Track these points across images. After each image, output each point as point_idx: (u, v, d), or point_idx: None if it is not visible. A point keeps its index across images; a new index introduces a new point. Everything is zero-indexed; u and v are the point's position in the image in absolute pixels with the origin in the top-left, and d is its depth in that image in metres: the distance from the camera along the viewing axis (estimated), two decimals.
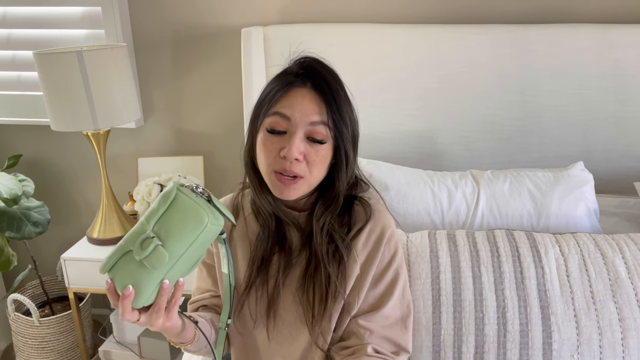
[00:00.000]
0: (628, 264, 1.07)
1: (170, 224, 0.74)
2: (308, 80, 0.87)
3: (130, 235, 0.75)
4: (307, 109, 0.85)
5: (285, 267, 0.93)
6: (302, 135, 0.85)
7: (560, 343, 1.00)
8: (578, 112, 1.48)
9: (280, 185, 0.87)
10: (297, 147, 0.84)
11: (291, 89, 0.87)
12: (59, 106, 1.54)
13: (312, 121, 0.85)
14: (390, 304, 0.92)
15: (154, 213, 0.75)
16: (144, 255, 0.73)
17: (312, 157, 0.86)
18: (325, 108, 0.85)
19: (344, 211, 0.94)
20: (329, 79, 0.87)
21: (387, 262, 0.93)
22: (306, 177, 0.87)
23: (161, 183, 1.66)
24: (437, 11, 1.58)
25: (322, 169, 0.88)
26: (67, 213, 2.09)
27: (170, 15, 1.75)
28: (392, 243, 0.94)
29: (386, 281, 0.93)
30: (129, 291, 0.72)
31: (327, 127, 0.85)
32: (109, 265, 0.76)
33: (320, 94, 0.86)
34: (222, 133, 1.86)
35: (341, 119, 0.86)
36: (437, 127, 1.54)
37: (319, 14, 1.64)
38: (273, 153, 0.86)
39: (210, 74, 1.79)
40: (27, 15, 1.80)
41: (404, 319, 0.93)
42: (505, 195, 1.28)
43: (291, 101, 0.86)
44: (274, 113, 0.86)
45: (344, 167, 0.89)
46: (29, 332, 1.81)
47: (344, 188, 0.91)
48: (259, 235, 0.95)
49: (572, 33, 1.44)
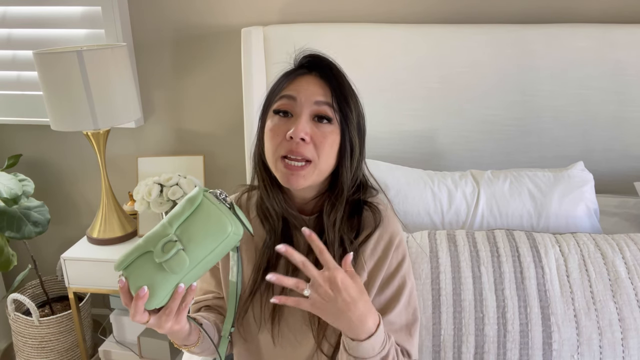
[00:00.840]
0: (628, 264, 1.07)
1: (193, 230, 0.74)
2: (314, 69, 0.89)
3: (152, 236, 0.75)
4: (313, 90, 0.87)
5: (293, 271, 0.92)
6: (307, 116, 0.86)
7: (560, 343, 1.00)
8: (578, 112, 1.48)
9: (287, 172, 0.86)
10: (303, 126, 0.84)
11: (297, 77, 0.89)
12: (59, 106, 1.54)
13: (317, 100, 0.86)
14: (396, 310, 0.91)
15: (177, 216, 0.75)
16: (165, 258, 0.73)
17: (318, 138, 0.85)
18: (330, 91, 0.87)
19: (353, 215, 0.93)
20: (334, 67, 0.90)
21: (394, 269, 0.93)
22: (314, 161, 0.86)
23: (161, 183, 1.66)
24: (437, 11, 1.58)
25: (331, 153, 0.87)
26: (67, 213, 2.09)
27: (170, 15, 1.75)
28: (400, 250, 0.93)
29: (393, 288, 0.92)
30: (144, 292, 0.72)
31: (332, 108, 0.86)
32: (125, 263, 0.75)
33: (325, 78, 0.88)
34: (222, 133, 1.86)
35: (346, 103, 0.87)
36: (437, 127, 1.54)
37: (319, 14, 1.64)
38: (280, 137, 0.86)
39: (211, 73, 1.79)
40: (27, 15, 1.80)
41: (409, 326, 0.92)
42: (505, 195, 1.28)
43: (297, 84, 0.88)
44: (280, 97, 0.88)
45: (348, 154, 0.89)
46: (29, 332, 1.81)
47: (349, 179, 0.90)
48: (265, 242, 0.94)
49: (572, 33, 1.44)
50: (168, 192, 1.65)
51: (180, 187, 1.66)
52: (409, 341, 0.92)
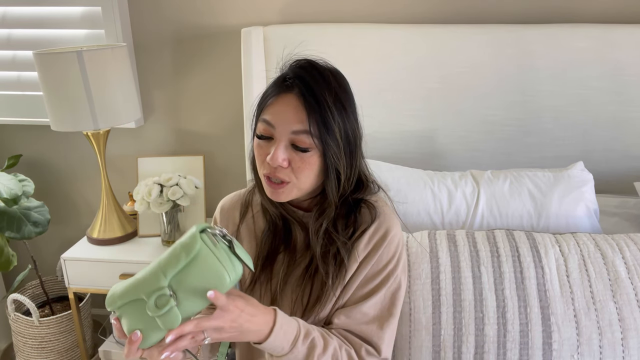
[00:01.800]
0: (628, 264, 1.07)
1: (189, 282, 0.71)
2: (296, 86, 0.86)
3: (144, 283, 0.72)
4: (291, 117, 0.85)
5: (289, 265, 0.95)
6: (285, 143, 0.86)
7: (560, 343, 1.00)
8: (578, 112, 1.48)
9: (270, 189, 0.89)
10: (278, 154, 0.85)
11: (279, 95, 0.87)
12: (59, 106, 1.54)
13: (294, 130, 0.85)
14: (370, 301, 0.92)
15: (172, 265, 0.72)
16: (158, 314, 0.71)
17: (296, 163, 0.86)
18: (307, 117, 0.84)
19: (350, 213, 0.94)
20: (316, 86, 0.85)
21: (382, 265, 0.93)
22: (292, 182, 0.87)
23: (161, 183, 1.66)
24: (437, 11, 1.58)
25: (311, 174, 0.88)
26: (67, 213, 2.09)
27: (170, 15, 1.75)
28: (392, 247, 0.94)
29: (375, 282, 0.93)
30: (137, 337, 0.72)
31: (311, 135, 0.84)
32: (117, 305, 0.74)
33: (303, 101, 0.85)
34: (222, 133, 1.86)
35: (325, 128, 0.84)
36: (437, 127, 1.54)
37: (319, 14, 1.64)
38: (262, 157, 0.88)
39: (210, 74, 1.79)
40: (27, 15, 1.80)
41: (382, 320, 0.92)
42: (505, 196, 1.28)
43: (277, 108, 0.86)
44: (262, 120, 0.88)
45: (333, 176, 0.88)
46: (29, 332, 1.81)
47: (335, 196, 0.91)
48: (264, 231, 0.97)
49: (572, 33, 1.44)
50: (168, 192, 1.65)
51: (180, 187, 1.66)
52: (378, 334, 0.91)
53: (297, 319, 0.87)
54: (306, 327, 0.86)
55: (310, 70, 0.87)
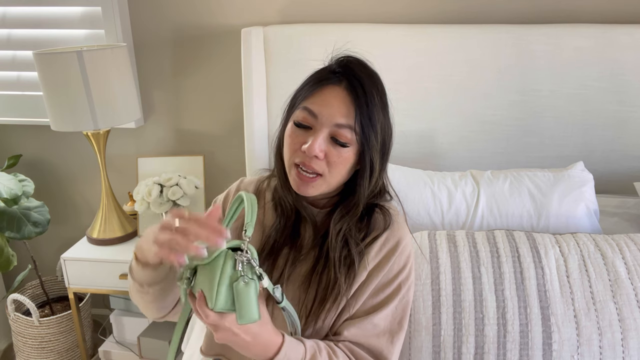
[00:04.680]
0: (628, 265, 1.07)
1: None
2: (344, 79, 0.86)
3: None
4: (336, 110, 0.84)
5: (293, 261, 0.92)
6: (326, 135, 0.84)
7: (560, 343, 1.00)
8: (578, 112, 1.48)
9: (298, 180, 0.87)
10: (318, 144, 0.83)
11: (325, 86, 0.86)
12: (59, 106, 1.54)
13: (338, 123, 0.84)
14: (382, 313, 0.90)
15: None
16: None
17: (333, 157, 0.85)
18: (355, 111, 0.84)
19: (363, 217, 0.93)
20: (365, 81, 0.86)
21: (393, 275, 0.92)
22: (325, 176, 0.86)
23: (161, 183, 1.66)
24: (437, 11, 1.58)
25: (343, 171, 0.87)
26: (67, 213, 2.09)
27: (170, 15, 1.75)
28: (403, 257, 0.93)
29: (387, 292, 0.91)
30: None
31: (354, 131, 0.84)
32: None
33: (352, 95, 0.84)
34: (222, 133, 1.86)
35: (370, 125, 0.84)
36: (437, 127, 1.54)
37: (319, 14, 1.64)
38: (296, 146, 0.86)
39: (211, 74, 1.79)
40: (27, 15, 1.80)
41: (393, 333, 0.91)
42: (505, 196, 1.28)
43: (322, 98, 0.85)
44: (303, 108, 0.86)
45: (367, 175, 0.88)
46: (29, 332, 1.81)
47: (365, 196, 0.90)
48: (274, 224, 0.95)
49: (572, 33, 1.44)
50: (168, 192, 1.65)
51: (180, 188, 1.66)
52: (389, 348, 0.90)
53: (304, 340, 0.84)
54: (312, 350, 0.83)
55: (360, 67, 0.88)
